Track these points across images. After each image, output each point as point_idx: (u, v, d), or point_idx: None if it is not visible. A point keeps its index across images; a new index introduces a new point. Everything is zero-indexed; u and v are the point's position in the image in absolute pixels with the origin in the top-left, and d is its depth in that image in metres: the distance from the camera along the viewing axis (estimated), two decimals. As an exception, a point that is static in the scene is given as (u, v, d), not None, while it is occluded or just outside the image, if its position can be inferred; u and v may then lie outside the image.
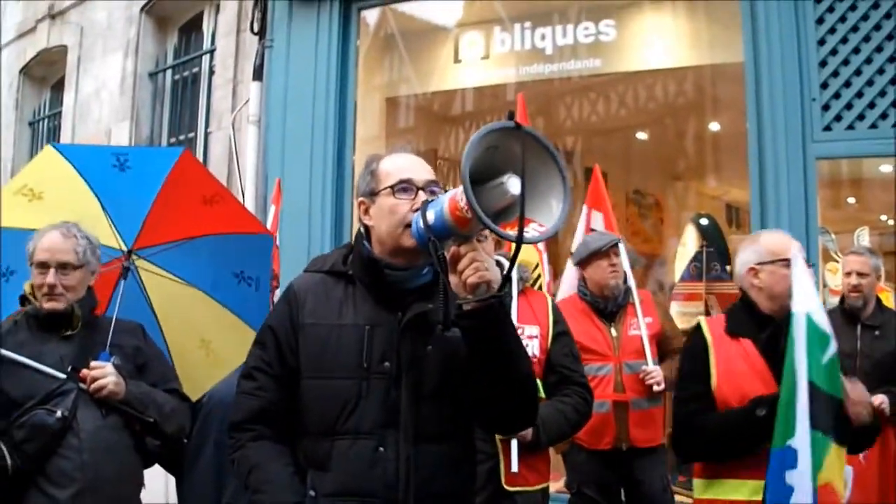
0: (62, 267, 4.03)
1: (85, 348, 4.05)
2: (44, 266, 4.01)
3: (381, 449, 2.70)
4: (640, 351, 5.59)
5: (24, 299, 4.11)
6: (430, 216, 2.50)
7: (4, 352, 3.87)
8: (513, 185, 2.37)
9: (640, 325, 5.64)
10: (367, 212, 2.88)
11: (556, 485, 6.65)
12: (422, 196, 2.73)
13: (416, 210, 2.66)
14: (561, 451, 5.87)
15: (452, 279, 2.54)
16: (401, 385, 2.74)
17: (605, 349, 5.62)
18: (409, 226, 2.69)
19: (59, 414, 3.82)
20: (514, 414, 2.89)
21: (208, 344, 4.79)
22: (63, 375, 3.91)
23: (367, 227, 2.89)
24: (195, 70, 10.30)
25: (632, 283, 5.80)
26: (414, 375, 2.75)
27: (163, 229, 4.68)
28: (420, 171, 2.83)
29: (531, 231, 2.35)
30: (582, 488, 5.67)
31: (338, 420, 2.72)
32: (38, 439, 3.80)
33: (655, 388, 5.45)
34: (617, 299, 5.69)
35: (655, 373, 5.47)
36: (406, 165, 2.85)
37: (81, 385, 3.93)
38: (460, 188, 2.36)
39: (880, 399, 5.24)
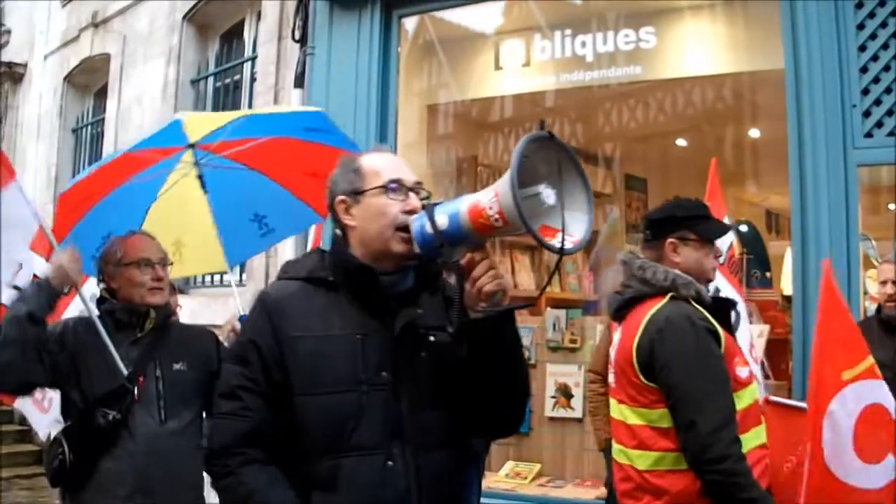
0: (162, 263, 4.29)
1: (151, 352, 4.21)
2: (148, 263, 4.22)
3: (390, 463, 2.63)
4: None
5: (99, 301, 4.31)
6: (442, 220, 2.45)
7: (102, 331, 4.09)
8: (548, 195, 2.39)
9: None
10: (347, 211, 2.78)
11: (598, 491, 6.69)
12: (413, 197, 2.71)
13: (409, 211, 2.64)
14: (602, 448, 5.95)
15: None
16: (400, 395, 2.68)
17: None
18: (399, 228, 2.65)
19: (110, 416, 3.94)
20: (513, 418, 2.90)
21: (181, 246, 4.91)
22: (125, 371, 4.07)
23: (343, 229, 2.81)
24: (237, 77, 10.41)
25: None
26: (412, 384, 2.70)
27: (250, 156, 5.02)
28: (406, 171, 2.79)
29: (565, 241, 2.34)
30: None
31: (341, 436, 2.62)
32: (90, 438, 3.94)
33: None
34: None
35: None
36: (392, 165, 2.80)
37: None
38: (485, 195, 2.37)
39: None
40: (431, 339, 2.72)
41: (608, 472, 5.93)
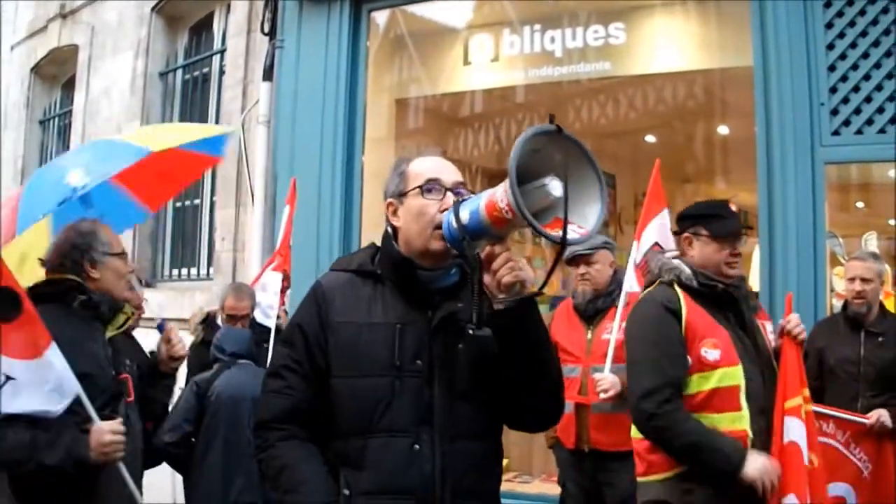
0: None
1: (121, 353, 4.11)
2: (126, 256, 4.15)
3: (417, 447, 2.73)
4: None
5: (69, 289, 3.96)
6: (465, 215, 2.53)
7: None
8: (554, 187, 2.42)
9: (613, 330, 5.44)
10: (395, 213, 2.90)
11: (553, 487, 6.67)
12: (450, 197, 2.77)
13: (445, 210, 2.70)
14: (549, 445, 5.95)
15: (485, 278, 2.58)
16: (433, 384, 2.77)
17: (578, 351, 5.64)
18: (438, 227, 2.71)
19: (118, 419, 3.82)
20: (543, 410, 2.95)
21: (25, 259, 4.78)
22: (111, 373, 3.94)
23: (394, 228, 2.91)
24: (205, 70, 10.34)
25: (626, 286, 5.57)
26: (446, 374, 2.78)
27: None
28: (448, 172, 2.88)
29: (571, 233, 2.37)
30: (566, 484, 5.83)
31: (372, 418, 2.74)
32: None
33: (602, 395, 5.29)
34: (595, 303, 5.70)
35: (602, 381, 5.31)
36: (434, 166, 2.90)
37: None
38: (499, 189, 2.42)
39: (877, 415, 5.21)
40: (470, 331, 2.75)
41: (560, 470, 5.95)
